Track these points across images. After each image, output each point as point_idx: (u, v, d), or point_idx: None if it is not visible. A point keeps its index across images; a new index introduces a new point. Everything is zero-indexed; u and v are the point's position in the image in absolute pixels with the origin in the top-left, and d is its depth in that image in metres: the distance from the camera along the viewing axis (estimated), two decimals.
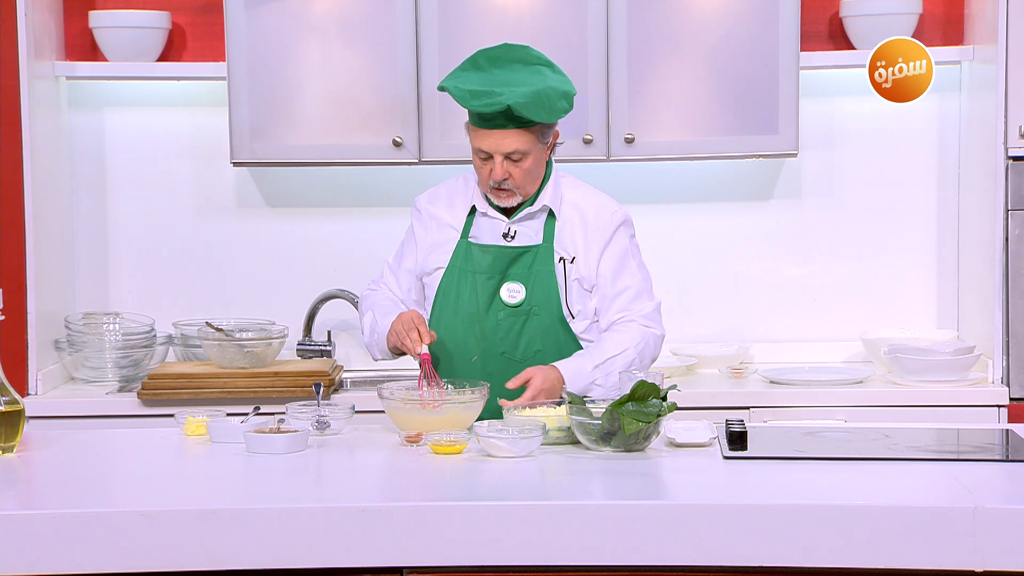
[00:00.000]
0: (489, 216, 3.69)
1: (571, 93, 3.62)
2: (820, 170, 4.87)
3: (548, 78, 3.59)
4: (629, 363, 3.61)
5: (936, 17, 4.76)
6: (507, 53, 3.62)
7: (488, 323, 3.65)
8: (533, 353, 3.64)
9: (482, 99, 3.52)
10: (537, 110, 3.52)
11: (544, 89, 3.55)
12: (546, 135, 3.62)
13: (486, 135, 3.57)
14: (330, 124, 4.56)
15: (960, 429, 3.59)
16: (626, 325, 3.67)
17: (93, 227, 4.88)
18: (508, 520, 2.77)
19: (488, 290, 3.65)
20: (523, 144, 3.56)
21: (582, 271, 3.67)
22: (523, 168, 3.59)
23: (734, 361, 4.74)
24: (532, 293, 3.64)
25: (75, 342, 4.64)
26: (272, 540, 2.76)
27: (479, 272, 3.66)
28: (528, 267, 3.65)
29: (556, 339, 3.66)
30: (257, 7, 4.53)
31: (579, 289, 3.67)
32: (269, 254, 4.90)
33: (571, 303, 3.66)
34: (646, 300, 3.72)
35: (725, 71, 4.53)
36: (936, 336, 4.73)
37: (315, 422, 3.42)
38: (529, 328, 3.65)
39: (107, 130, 4.86)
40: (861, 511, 2.75)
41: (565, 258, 3.66)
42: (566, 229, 3.68)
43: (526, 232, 3.68)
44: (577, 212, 3.70)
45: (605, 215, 3.70)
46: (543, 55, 3.66)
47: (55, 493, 3.04)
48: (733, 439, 3.24)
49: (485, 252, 3.67)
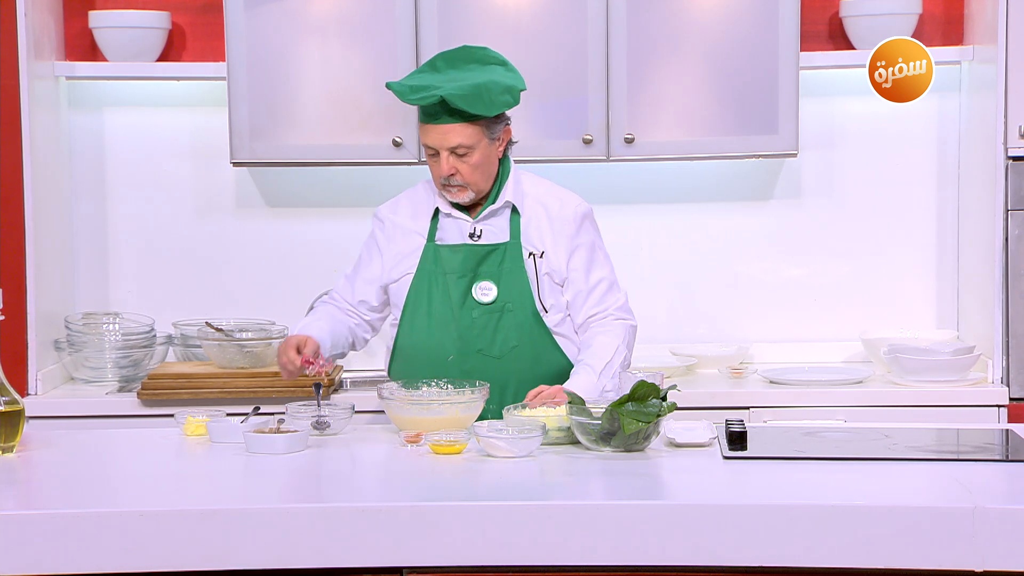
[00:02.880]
0: (453, 216, 3.71)
1: (517, 88, 3.63)
2: (820, 170, 4.87)
3: (495, 74, 3.61)
4: (623, 360, 3.66)
5: (936, 17, 4.76)
6: (464, 54, 3.67)
7: (463, 322, 3.66)
8: (510, 349, 3.66)
9: (419, 92, 3.56)
10: (474, 102, 3.54)
11: (485, 83, 3.57)
12: (494, 130, 3.63)
13: (430, 130, 3.60)
14: (330, 124, 4.56)
15: (960, 429, 3.59)
16: (607, 324, 3.71)
17: (93, 227, 4.88)
18: (508, 520, 2.77)
19: (460, 289, 3.66)
20: (467, 138, 3.58)
21: (552, 265, 3.69)
22: (470, 163, 3.61)
23: (734, 361, 4.74)
24: (504, 290, 3.66)
25: (75, 342, 4.64)
26: (272, 540, 2.76)
27: (449, 272, 3.67)
28: (498, 264, 3.67)
29: (531, 334, 3.68)
30: (257, 7, 4.53)
31: (550, 283, 3.70)
32: (269, 254, 4.90)
33: (544, 297, 3.68)
34: (617, 292, 3.77)
35: (725, 71, 4.53)
36: (936, 336, 4.73)
37: (315, 422, 3.42)
38: (504, 325, 3.66)
39: (107, 130, 4.86)
40: (861, 511, 2.75)
41: (534, 253, 3.68)
42: (532, 224, 3.70)
43: (492, 230, 3.70)
44: (541, 207, 3.72)
45: (569, 208, 3.73)
46: (501, 55, 3.69)
47: (55, 493, 3.04)
48: (733, 439, 3.24)
49: (454, 252, 3.68)
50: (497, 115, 3.62)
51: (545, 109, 4.54)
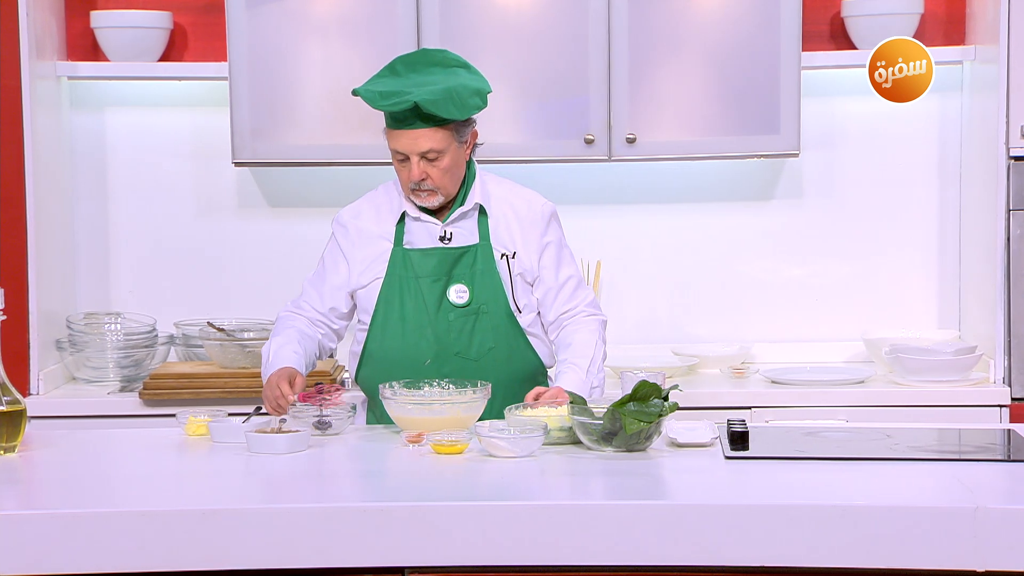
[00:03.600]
0: (422, 220, 3.68)
1: (484, 91, 3.62)
2: (821, 170, 4.87)
3: (461, 77, 3.60)
4: (603, 355, 3.69)
5: (938, 17, 4.75)
6: (424, 57, 3.65)
7: (440, 325, 3.65)
8: (487, 351, 3.65)
9: (390, 99, 3.54)
10: (446, 106, 3.53)
11: (455, 86, 3.55)
12: (462, 134, 3.62)
13: (400, 135, 3.58)
14: (331, 124, 4.56)
15: (961, 429, 3.59)
16: (581, 321, 3.72)
17: (94, 227, 4.88)
18: (510, 520, 2.77)
19: (435, 293, 3.65)
20: (437, 143, 3.57)
21: (524, 264, 3.70)
22: (440, 167, 3.59)
23: (735, 361, 4.73)
24: (478, 292, 3.65)
25: (76, 342, 4.64)
26: (273, 540, 2.76)
27: (422, 276, 3.65)
28: (470, 266, 3.65)
29: (507, 335, 3.68)
30: (258, 7, 4.53)
31: (522, 283, 3.70)
32: (270, 254, 4.90)
33: (517, 298, 3.68)
34: (585, 288, 3.78)
35: (726, 71, 4.53)
36: (937, 336, 4.73)
37: (316, 422, 3.42)
38: (480, 327, 3.66)
39: (108, 130, 4.86)
40: (862, 511, 2.75)
41: (507, 254, 3.68)
42: (500, 225, 3.70)
43: (461, 232, 3.68)
44: (508, 207, 3.72)
45: (536, 208, 3.73)
46: (460, 57, 3.66)
47: (56, 493, 3.04)
48: (735, 439, 3.24)
49: (427, 256, 3.66)
50: (466, 119, 3.61)
51: (546, 109, 4.54)
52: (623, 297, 4.89)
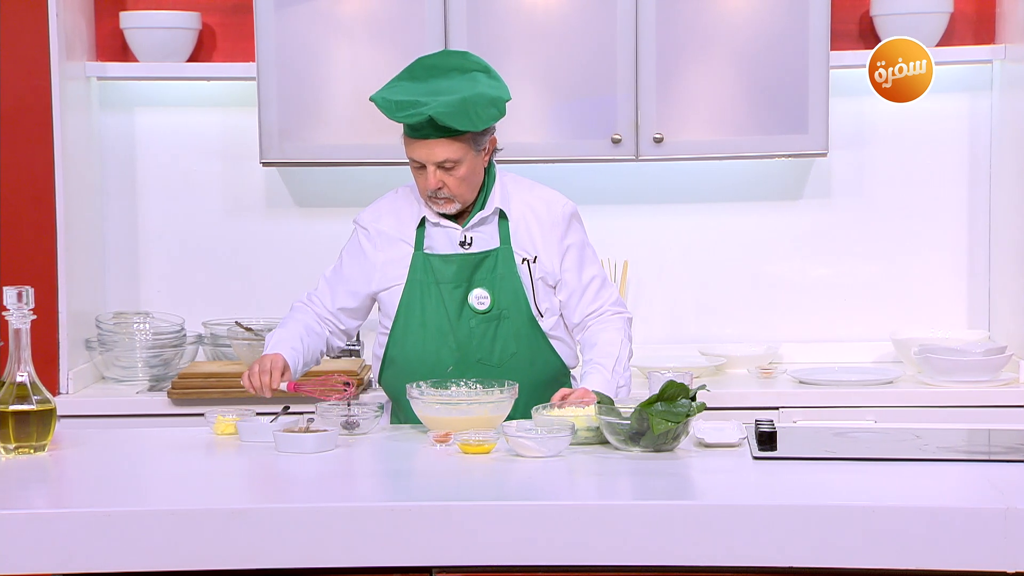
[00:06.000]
0: (442, 226, 3.67)
1: (502, 99, 3.58)
2: (850, 170, 4.85)
3: (480, 84, 3.56)
4: (629, 353, 3.67)
5: (967, 16, 4.73)
6: (444, 61, 3.62)
7: (461, 332, 3.64)
8: (509, 356, 3.64)
9: (406, 110, 3.52)
10: (461, 119, 3.50)
11: (471, 97, 3.52)
12: (480, 142, 3.59)
13: (417, 145, 3.56)
14: (359, 124, 4.57)
15: (991, 430, 3.57)
16: (607, 320, 3.70)
17: (124, 227, 4.90)
18: (537, 520, 2.77)
19: (456, 299, 3.64)
20: (454, 153, 3.55)
21: (546, 268, 3.68)
22: (457, 176, 3.57)
23: (763, 361, 4.72)
24: (499, 297, 3.64)
25: (106, 341, 4.66)
26: (301, 539, 2.77)
27: (443, 282, 3.64)
28: (491, 271, 3.64)
29: (529, 340, 3.67)
30: (287, 7, 4.54)
31: (544, 287, 3.68)
32: (298, 254, 4.91)
33: (539, 302, 3.66)
34: (610, 287, 3.76)
35: (754, 70, 4.52)
36: (967, 336, 4.71)
37: (344, 422, 3.42)
38: (502, 332, 3.64)
39: (137, 130, 4.88)
40: (891, 512, 2.74)
41: (528, 258, 3.67)
42: (521, 228, 3.68)
43: (482, 237, 3.67)
44: (528, 210, 3.69)
45: (556, 209, 3.70)
46: (482, 60, 3.63)
47: (86, 492, 3.05)
48: (762, 439, 3.23)
49: (447, 262, 3.64)
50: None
51: (574, 109, 4.54)
52: (650, 297, 4.88)
